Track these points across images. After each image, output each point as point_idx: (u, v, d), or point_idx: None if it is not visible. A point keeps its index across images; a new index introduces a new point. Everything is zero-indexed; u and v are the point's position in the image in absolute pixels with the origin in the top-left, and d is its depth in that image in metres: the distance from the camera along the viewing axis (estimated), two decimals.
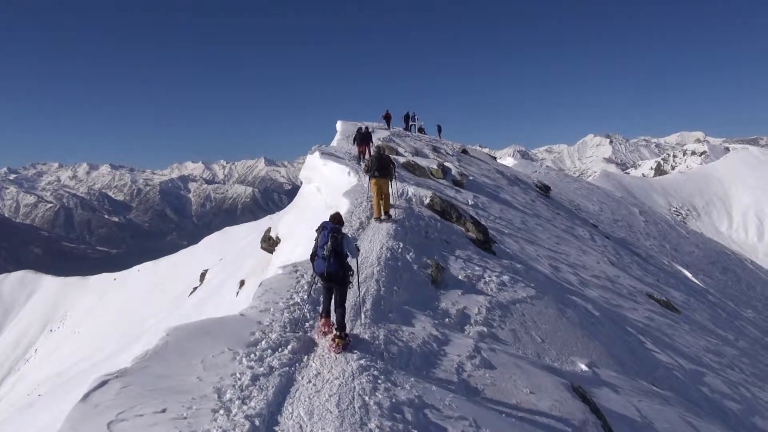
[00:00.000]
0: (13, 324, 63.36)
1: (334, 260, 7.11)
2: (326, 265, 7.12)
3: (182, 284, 41.56)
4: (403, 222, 13.35)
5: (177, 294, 39.65)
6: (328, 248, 7.09)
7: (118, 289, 56.28)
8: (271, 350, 6.62)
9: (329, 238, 7.13)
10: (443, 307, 9.85)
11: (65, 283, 66.42)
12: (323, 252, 7.15)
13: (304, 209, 20.21)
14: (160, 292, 45.03)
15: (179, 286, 42.08)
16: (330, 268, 7.12)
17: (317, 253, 7.25)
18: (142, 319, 38.38)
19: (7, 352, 58.77)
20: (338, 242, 7.13)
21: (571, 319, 11.58)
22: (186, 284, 40.14)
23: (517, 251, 16.67)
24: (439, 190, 19.26)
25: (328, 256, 7.10)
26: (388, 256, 10.93)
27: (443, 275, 11.09)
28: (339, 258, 7.14)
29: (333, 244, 7.10)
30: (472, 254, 13.27)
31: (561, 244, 21.37)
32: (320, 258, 7.19)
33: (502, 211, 22.23)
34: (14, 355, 57.94)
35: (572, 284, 15.89)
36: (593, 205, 44.41)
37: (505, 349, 8.82)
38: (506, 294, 11.36)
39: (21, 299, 66.79)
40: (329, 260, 7.11)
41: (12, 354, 58.19)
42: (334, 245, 7.11)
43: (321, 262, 7.18)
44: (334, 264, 7.12)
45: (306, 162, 22.51)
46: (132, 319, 41.59)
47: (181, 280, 43.71)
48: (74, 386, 22.91)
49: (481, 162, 35.14)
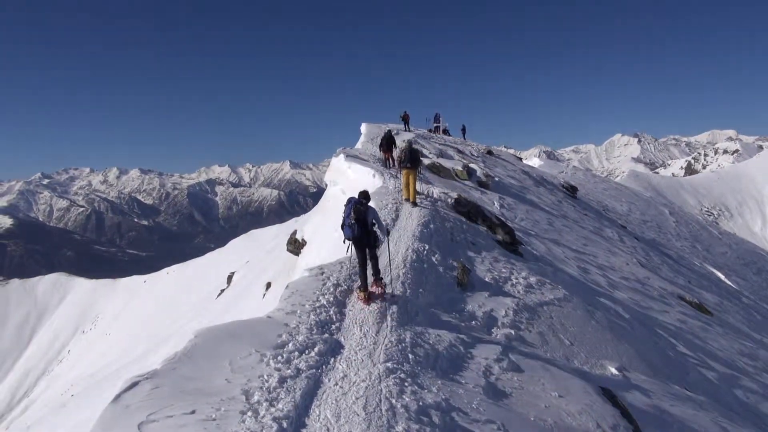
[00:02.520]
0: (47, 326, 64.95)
1: (358, 228, 8.65)
2: (353, 231, 8.68)
3: (210, 286, 42.09)
4: (428, 224, 13.32)
5: (204, 296, 40.17)
6: (353, 217, 8.65)
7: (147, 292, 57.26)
8: (298, 352, 6.64)
9: (352, 210, 8.70)
10: (470, 309, 9.78)
11: (97, 285, 67.84)
12: (349, 221, 8.72)
13: (329, 211, 20.28)
14: (188, 295, 45.65)
15: (207, 288, 42.61)
16: (355, 234, 8.69)
17: (345, 222, 8.82)
18: (170, 321, 38.97)
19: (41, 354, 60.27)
20: (361, 213, 8.65)
21: (600, 321, 11.41)
22: (213, 286, 40.64)
23: (545, 253, 16.49)
24: (464, 192, 19.15)
25: (353, 224, 8.66)
26: (414, 258, 10.90)
27: (469, 277, 11.02)
28: (362, 226, 8.66)
29: (356, 214, 8.65)
30: (498, 256, 13.17)
31: (589, 246, 21.08)
32: (347, 226, 8.77)
33: (528, 212, 22.02)
34: (48, 356, 59.39)
35: (601, 286, 15.66)
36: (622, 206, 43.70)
37: (533, 352, 8.71)
38: (533, 296, 11.24)
39: (54, 301, 68.46)
40: (355, 227, 8.66)
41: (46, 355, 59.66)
42: (357, 215, 8.65)
43: (348, 229, 8.77)
44: (358, 231, 8.67)
45: (331, 164, 22.60)
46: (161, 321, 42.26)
47: (208, 283, 44.26)
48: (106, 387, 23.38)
49: (506, 163, 34.86)
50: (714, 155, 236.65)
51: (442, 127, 40.29)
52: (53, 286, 70.95)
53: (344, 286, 9.21)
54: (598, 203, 38.38)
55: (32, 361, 59.73)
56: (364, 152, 23.72)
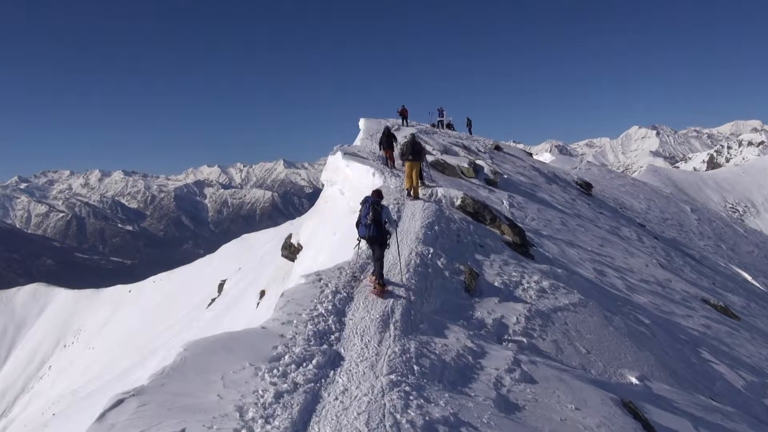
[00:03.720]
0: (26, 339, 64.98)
1: (374, 227, 9.50)
2: (368, 231, 9.52)
3: (199, 295, 42.10)
4: (432, 225, 13.31)
5: (194, 306, 40.17)
6: (370, 218, 9.46)
7: (133, 302, 57.30)
8: (295, 365, 6.64)
9: (371, 210, 9.50)
10: (478, 316, 9.78)
11: (78, 296, 67.87)
12: (366, 221, 9.53)
13: (326, 213, 20.28)
14: (177, 305, 45.66)
15: (196, 297, 42.63)
16: (371, 234, 9.54)
17: (361, 221, 9.65)
18: (158, 333, 38.99)
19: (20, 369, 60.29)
20: (378, 213, 9.52)
21: (618, 327, 11.40)
22: (203, 295, 40.64)
23: (558, 255, 16.49)
24: (470, 190, 19.15)
25: (370, 224, 9.48)
26: (418, 262, 10.90)
27: (477, 282, 11.02)
28: (378, 225, 9.53)
29: (374, 215, 9.47)
30: (508, 259, 13.16)
31: (605, 246, 21.07)
32: (363, 225, 9.59)
33: (539, 211, 22.01)
34: (27, 372, 59.40)
35: (619, 290, 15.65)
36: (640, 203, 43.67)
37: (546, 362, 8.70)
38: (547, 301, 11.24)
39: (33, 313, 68.49)
40: (371, 227, 9.49)
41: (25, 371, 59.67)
42: (375, 215, 9.47)
43: (364, 228, 9.59)
44: (374, 230, 9.52)
45: (327, 163, 22.59)
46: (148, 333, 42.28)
47: (198, 291, 44.28)
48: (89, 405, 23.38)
49: (515, 159, 34.86)
50: (738, 147, 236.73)
51: (445, 122, 40.27)
52: (32, 297, 70.99)
53: (343, 294, 9.21)
54: (615, 201, 38.35)
55: (10, 378, 59.74)
56: (363, 150, 23.72)
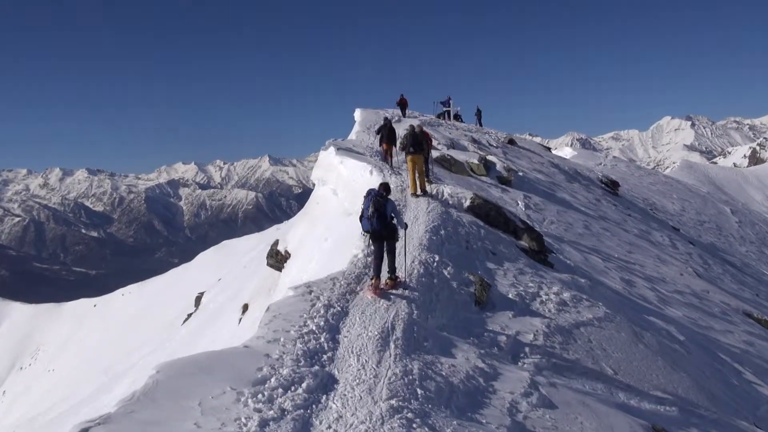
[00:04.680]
0: None
1: (377, 220, 10.04)
2: (370, 224, 10.08)
3: (174, 310, 42.09)
4: (438, 229, 13.31)
5: (168, 322, 40.16)
6: (372, 209, 10.04)
7: (98, 317, 57.20)
8: (282, 389, 6.62)
9: (371, 202, 10.09)
10: (490, 332, 9.77)
11: (37, 311, 67.72)
12: (368, 213, 10.10)
13: (317, 217, 20.28)
14: (148, 320, 45.63)
15: (170, 312, 42.60)
16: (374, 227, 10.07)
17: (364, 214, 10.23)
18: (126, 353, 38.92)
19: None
20: (381, 205, 10.07)
21: (649, 344, 11.40)
22: (178, 310, 40.63)
23: (580, 262, 16.49)
24: (481, 190, 19.16)
25: (371, 216, 10.05)
26: (422, 271, 10.89)
27: (489, 294, 11.02)
28: (381, 219, 10.06)
29: (375, 206, 10.04)
30: (524, 267, 13.16)
31: (634, 253, 21.09)
32: (366, 218, 10.17)
33: (559, 213, 22.03)
34: None
35: (649, 302, 15.65)
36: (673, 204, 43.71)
37: (568, 384, 8.70)
38: (568, 315, 11.23)
39: None
40: (373, 220, 10.04)
41: None
42: (377, 207, 10.05)
43: (366, 221, 10.18)
44: (377, 223, 10.05)
45: (319, 160, 22.59)
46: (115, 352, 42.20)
47: (172, 306, 44.25)
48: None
49: (532, 154, 34.90)
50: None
51: (452, 113, 40.31)
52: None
53: (337, 308, 9.20)
54: (645, 201, 38.39)
55: None
56: (359, 144, 23.73)
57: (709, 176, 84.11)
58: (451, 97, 40.24)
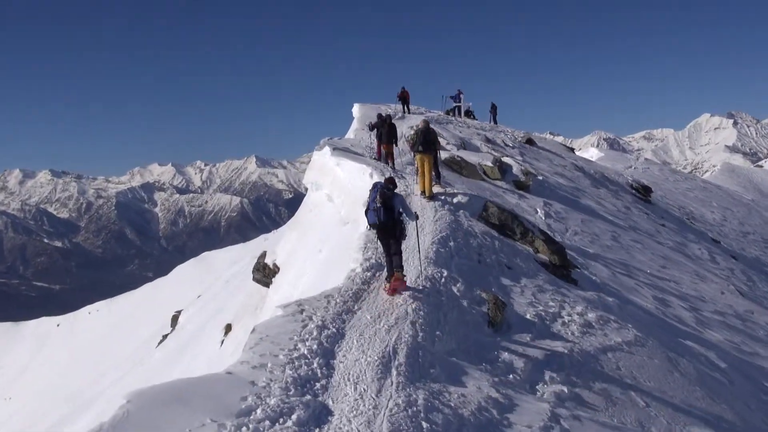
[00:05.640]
0: None
1: (383, 213, 10.65)
2: (376, 216, 10.70)
3: (147, 331, 42.06)
4: (446, 240, 13.30)
5: (140, 344, 40.12)
6: (379, 201, 10.66)
7: (62, 339, 57.18)
8: (269, 422, 6.61)
9: (378, 193, 10.71)
10: (505, 358, 9.75)
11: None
12: (374, 205, 10.74)
13: (310, 225, 20.30)
14: (118, 342, 45.59)
15: (143, 333, 42.58)
16: (380, 219, 10.68)
17: (369, 206, 10.88)
18: (94, 379, 38.90)
19: None
20: (387, 197, 10.69)
21: (686, 372, 11.37)
22: (152, 331, 40.60)
23: (608, 279, 16.47)
24: (495, 196, 19.16)
25: (378, 208, 10.67)
26: (428, 288, 10.89)
27: (505, 314, 11.00)
28: (388, 211, 10.69)
29: (382, 197, 10.65)
30: (543, 284, 13.15)
31: (669, 268, 21.06)
32: (372, 210, 10.79)
33: (584, 223, 22.02)
34: None
35: (686, 324, 15.62)
36: (713, 213, 43.69)
37: (593, 417, 8.67)
38: (593, 339, 11.21)
39: None
40: (379, 212, 10.66)
41: None
42: (384, 198, 10.65)
43: (372, 214, 10.80)
44: (383, 216, 10.66)
45: (312, 161, 22.62)
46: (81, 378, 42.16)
47: (145, 326, 44.23)
48: None
49: (553, 155, 34.92)
50: None
51: (463, 109, 40.38)
52: None
53: (332, 329, 9.19)
54: (681, 209, 38.38)
55: None
56: (358, 143, 23.78)
57: (754, 181, 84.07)
58: (461, 91, 40.32)
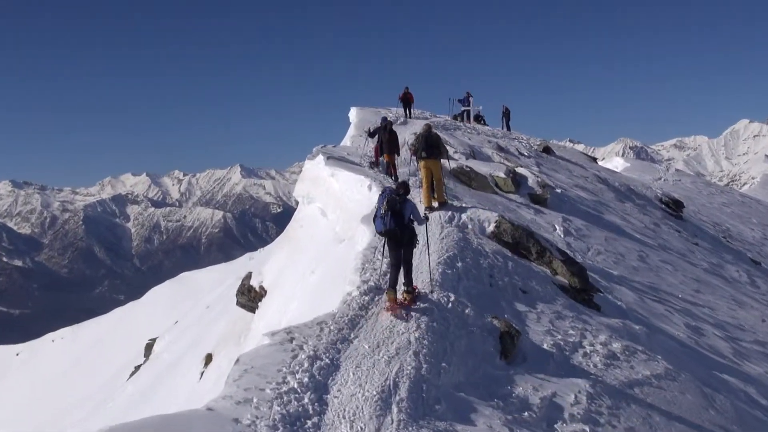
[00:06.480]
0: None
1: (391, 219, 11.17)
2: (383, 223, 11.23)
3: (118, 361, 41.96)
4: (454, 260, 13.29)
5: (110, 376, 40.02)
6: (385, 208, 11.18)
7: (22, 369, 57.02)
8: None
9: (385, 200, 11.24)
10: (520, 393, 9.72)
11: None
12: (381, 211, 11.29)
13: (302, 243, 20.30)
14: (85, 374, 45.48)
15: (114, 363, 42.48)
16: (387, 227, 11.21)
17: (377, 214, 11.48)
18: (57, 416, 38.75)
19: None
20: (395, 203, 11.21)
21: (722, 410, 11.33)
22: (124, 361, 40.49)
23: (635, 304, 16.44)
24: (509, 211, 19.17)
25: (385, 214, 11.19)
26: (433, 314, 10.86)
27: (519, 344, 10.99)
28: (397, 218, 11.22)
29: (390, 204, 11.16)
30: (563, 310, 13.13)
31: (703, 293, 21.02)
32: (379, 218, 11.36)
33: (608, 241, 22.02)
34: None
35: (723, 356, 15.58)
36: (752, 231, 43.71)
37: None
38: (619, 372, 11.19)
39: None
40: (386, 219, 11.19)
41: None
42: (391, 205, 11.17)
43: (380, 221, 11.35)
44: (391, 223, 11.18)
45: (304, 171, 22.65)
46: (43, 414, 42.03)
47: (116, 355, 44.13)
48: None
49: (573, 166, 34.97)
50: None
51: (473, 113, 40.46)
52: None
53: (326, 360, 9.18)
54: (716, 226, 38.39)
55: None
56: (355, 152, 23.80)
57: None
58: (471, 94, 40.41)
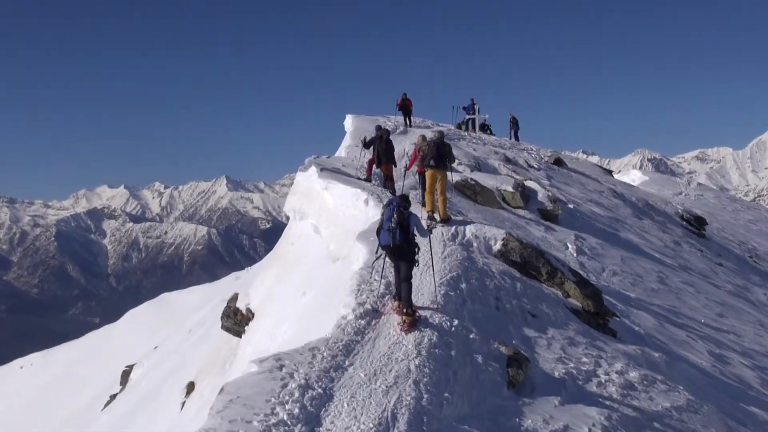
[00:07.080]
0: None
1: (399, 233, 11.36)
2: (391, 237, 11.41)
3: (92, 389, 41.86)
4: (457, 281, 13.30)
5: (84, 405, 39.93)
6: (395, 220, 11.37)
7: None
8: None
9: (395, 212, 11.44)
10: (528, 426, 9.72)
11: None
12: (389, 224, 11.44)
13: (293, 262, 20.29)
14: (57, 403, 45.36)
15: (87, 392, 42.38)
16: (396, 241, 11.39)
17: (383, 226, 11.64)
18: None
19: None
20: (404, 217, 11.43)
21: None
22: (98, 389, 40.41)
23: (653, 329, 16.45)
24: (517, 228, 19.19)
25: (395, 228, 11.36)
26: (434, 340, 10.85)
27: (528, 372, 10.98)
28: (405, 232, 11.41)
29: (399, 218, 11.36)
30: (575, 335, 13.14)
31: (727, 317, 21.04)
32: (386, 230, 11.51)
33: (624, 261, 22.05)
34: None
35: (749, 385, 15.58)
36: None
37: None
38: (636, 403, 11.20)
39: None
40: (395, 233, 11.36)
41: None
42: (400, 219, 11.37)
43: (386, 234, 11.50)
44: (400, 237, 11.37)
45: (295, 184, 22.67)
46: None
47: (90, 383, 44.03)
48: None
49: (586, 179, 35.04)
50: None
51: (478, 122, 40.58)
52: None
53: (318, 389, 9.16)
54: (741, 245, 38.45)
55: None
56: (351, 163, 23.83)
57: None
58: (475, 101, 40.51)
